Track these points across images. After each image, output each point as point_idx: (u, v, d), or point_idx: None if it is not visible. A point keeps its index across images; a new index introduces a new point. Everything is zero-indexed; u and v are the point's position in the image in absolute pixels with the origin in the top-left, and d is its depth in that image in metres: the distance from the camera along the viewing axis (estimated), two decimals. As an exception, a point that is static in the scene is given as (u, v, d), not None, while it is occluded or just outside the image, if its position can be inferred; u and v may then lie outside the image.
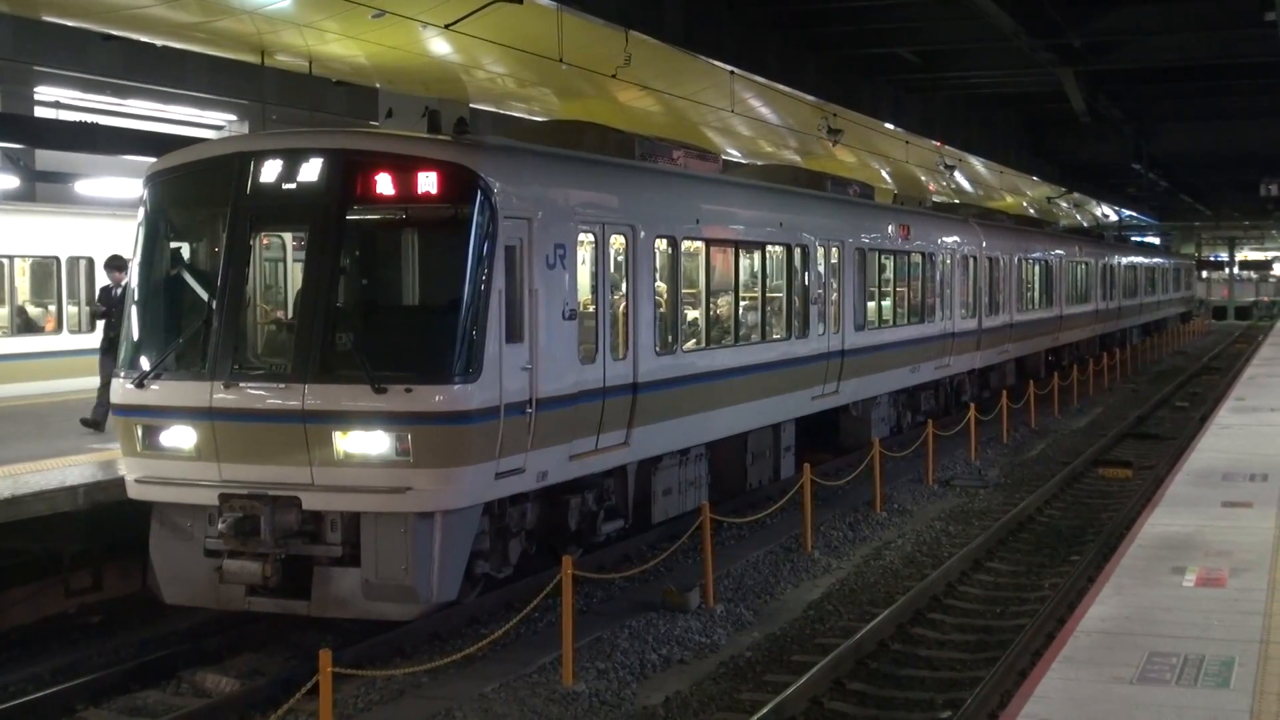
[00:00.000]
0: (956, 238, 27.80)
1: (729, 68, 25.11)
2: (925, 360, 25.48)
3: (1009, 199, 57.35)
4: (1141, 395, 37.42)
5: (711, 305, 16.92)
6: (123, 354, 12.77)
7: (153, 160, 13.42)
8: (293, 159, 12.25)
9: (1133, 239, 66.60)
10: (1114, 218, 73.74)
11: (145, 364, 12.48)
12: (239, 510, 11.82)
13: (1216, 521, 13.45)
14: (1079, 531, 18.62)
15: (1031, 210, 58.37)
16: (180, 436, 12.21)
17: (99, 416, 16.35)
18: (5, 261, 22.42)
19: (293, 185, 12.21)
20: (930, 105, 36.50)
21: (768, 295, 18.57)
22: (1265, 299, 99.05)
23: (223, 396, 11.99)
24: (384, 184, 12.00)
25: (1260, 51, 29.45)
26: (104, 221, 23.73)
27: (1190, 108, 42.55)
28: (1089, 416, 32.38)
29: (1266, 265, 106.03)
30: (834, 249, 20.65)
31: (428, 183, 11.97)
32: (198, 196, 12.95)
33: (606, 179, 14.73)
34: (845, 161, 39.80)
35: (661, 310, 15.42)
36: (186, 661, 12.35)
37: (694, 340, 16.44)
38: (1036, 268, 35.09)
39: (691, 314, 16.50)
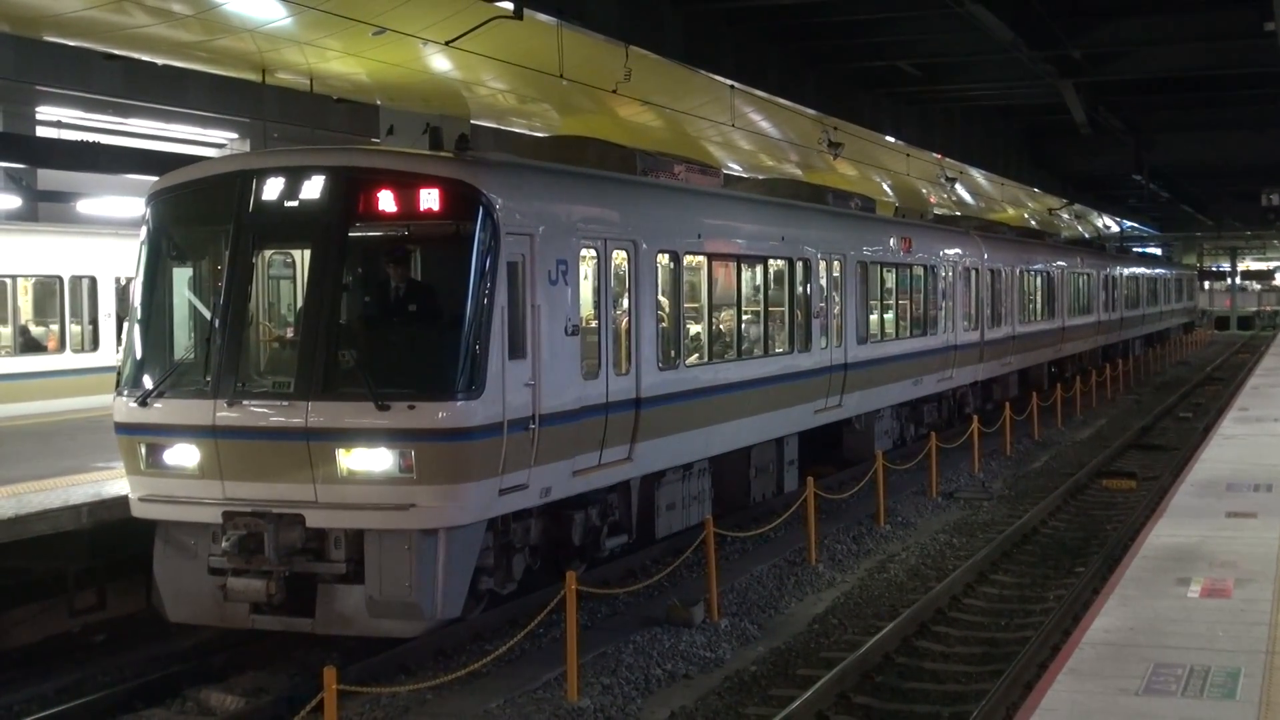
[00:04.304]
0: (958, 250, 27.82)
1: (729, 82, 25.14)
2: (928, 373, 25.47)
3: (1010, 211, 57.36)
4: (1145, 406, 37.41)
5: (714, 319, 16.92)
6: (125, 372, 12.77)
7: (155, 179, 13.45)
8: (295, 177, 12.27)
9: (1134, 250, 66.56)
10: (1115, 229, 73.76)
11: (148, 382, 12.49)
12: (243, 528, 11.83)
13: (1221, 532, 13.43)
14: (1083, 543, 18.60)
15: (1033, 222, 58.40)
16: (183, 455, 12.21)
17: None
18: (8, 281, 22.45)
19: (295, 203, 12.23)
20: (930, 118, 36.54)
21: (770, 309, 18.58)
22: (1268, 309, 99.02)
23: (226, 414, 12.00)
24: (386, 201, 12.02)
25: (1260, 61, 29.49)
26: (106, 240, 23.78)
27: (1191, 118, 42.58)
28: (1092, 428, 32.36)
29: (1269, 275, 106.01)
30: (836, 262, 20.66)
31: (430, 199, 11.99)
32: (200, 215, 12.96)
33: (608, 194, 14.74)
34: (846, 175, 39.83)
35: (664, 325, 15.42)
36: (191, 680, 12.34)
37: (697, 355, 16.44)
38: (1038, 279, 35.10)
39: (694, 328, 16.50)
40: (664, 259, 15.44)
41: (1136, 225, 75.73)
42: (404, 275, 12.34)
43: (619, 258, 14.38)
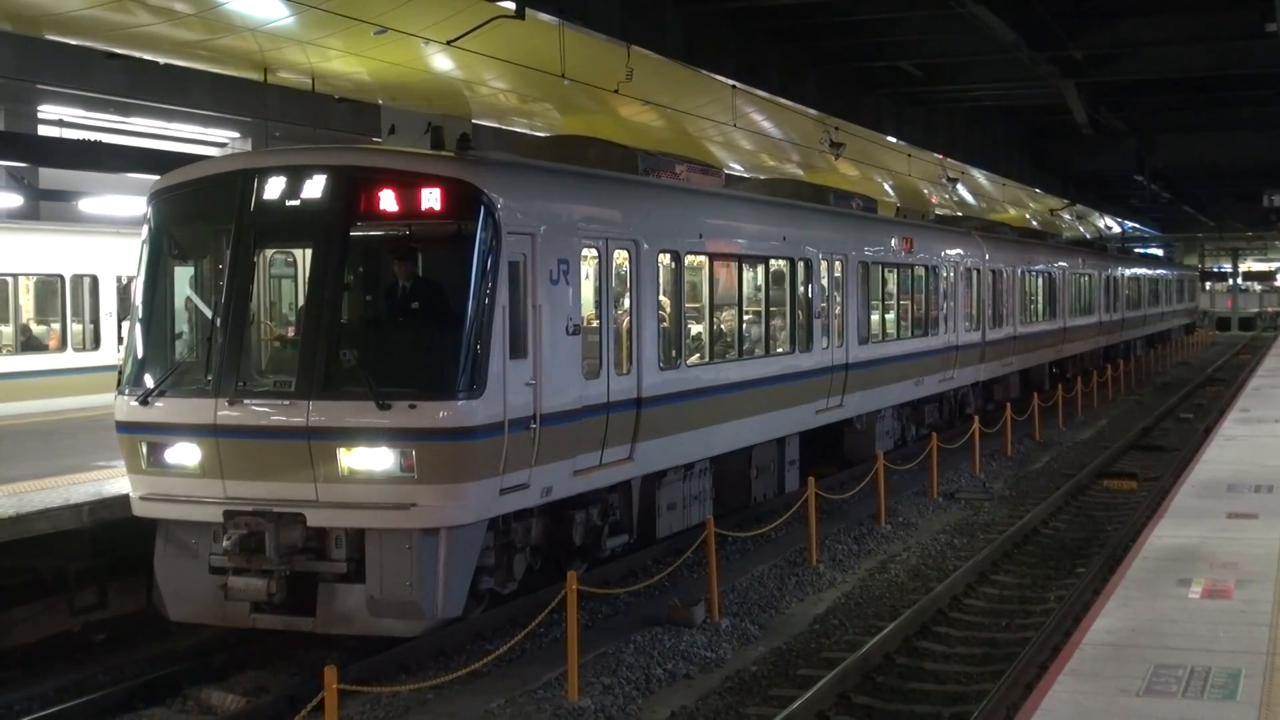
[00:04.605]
0: (960, 250, 27.82)
1: (730, 82, 25.14)
2: (929, 373, 25.46)
3: (1012, 211, 57.34)
4: (1146, 407, 37.40)
5: (715, 319, 16.92)
6: (127, 371, 12.78)
7: (156, 178, 13.45)
8: (296, 176, 12.27)
9: (1136, 250, 66.55)
10: (1117, 229, 73.75)
11: (149, 381, 12.49)
12: (243, 527, 11.83)
13: (1222, 533, 13.42)
14: (1084, 544, 18.60)
15: (1034, 222, 58.38)
16: (184, 453, 12.22)
17: None
18: (9, 280, 22.46)
19: (296, 202, 12.23)
20: (932, 118, 36.52)
21: (771, 309, 18.58)
22: (1269, 310, 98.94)
23: (227, 413, 12.01)
24: (388, 200, 12.02)
25: (1262, 62, 29.47)
26: (108, 239, 23.79)
27: (1192, 119, 42.56)
28: (1093, 429, 32.36)
29: (1270, 276, 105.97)
30: (837, 262, 20.65)
31: (431, 199, 11.99)
32: (201, 213, 12.97)
33: (609, 194, 14.74)
34: (848, 175, 39.81)
35: (665, 325, 15.42)
36: (192, 679, 12.35)
37: (698, 355, 16.44)
38: (1040, 280, 35.09)
39: (695, 328, 16.50)
40: (665, 259, 15.44)
41: (1138, 226, 75.69)
42: (410, 273, 12.33)
43: (620, 257, 14.38)
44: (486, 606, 13.27)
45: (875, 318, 22.78)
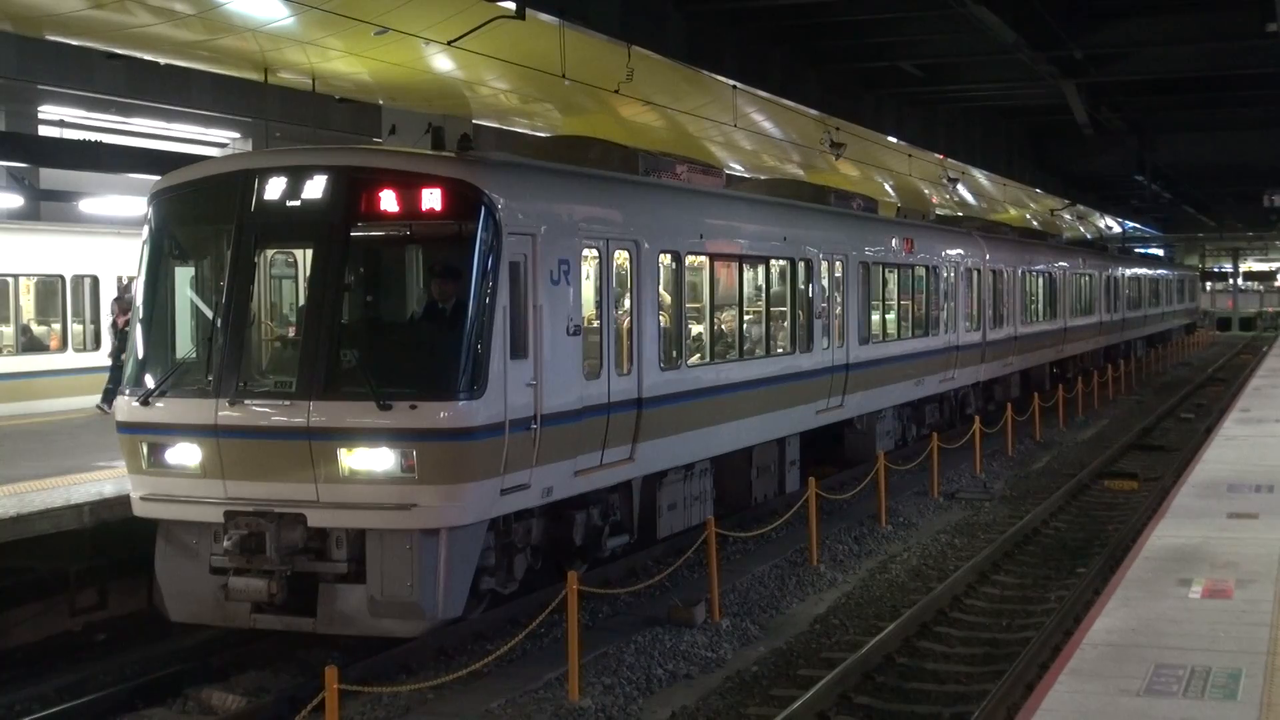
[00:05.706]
0: (960, 250, 27.82)
1: (731, 82, 25.14)
2: (930, 373, 25.47)
3: (1012, 211, 57.33)
4: (1146, 407, 37.39)
5: (715, 320, 16.92)
6: (128, 371, 12.78)
7: (157, 178, 13.46)
8: (297, 176, 12.27)
9: (1136, 250, 66.54)
10: (1117, 229, 73.73)
11: (150, 381, 12.50)
12: (244, 527, 11.83)
13: (1223, 533, 13.42)
14: (1085, 544, 18.60)
15: (1035, 223, 58.37)
16: (185, 454, 12.22)
17: None
18: (10, 280, 22.47)
19: (297, 202, 12.23)
20: (933, 118, 36.52)
21: (771, 309, 18.58)
22: (1270, 310, 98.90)
23: (228, 414, 12.01)
24: (388, 201, 12.03)
25: (1262, 63, 29.50)
26: (108, 240, 23.81)
27: (1193, 119, 42.58)
28: (1094, 429, 32.36)
29: (1270, 276, 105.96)
30: (838, 263, 20.65)
31: (432, 199, 11.99)
32: (202, 214, 12.97)
33: (610, 194, 14.75)
34: (848, 175, 39.80)
35: (665, 325, 15.42)
36: (192, 679, 12.36)
37: (698, 355, 16.45)
38: (1040, 280, 35.09)
39: (696, 329, 16.51)
40: (666, 259, 15.44)
41: (1139, 226, 75.68)
42: (449, 292, 12.03)
43: (621, 258, 14.38)
44: (487, 606, 13.28)
45: (876, 318, 22.77)
